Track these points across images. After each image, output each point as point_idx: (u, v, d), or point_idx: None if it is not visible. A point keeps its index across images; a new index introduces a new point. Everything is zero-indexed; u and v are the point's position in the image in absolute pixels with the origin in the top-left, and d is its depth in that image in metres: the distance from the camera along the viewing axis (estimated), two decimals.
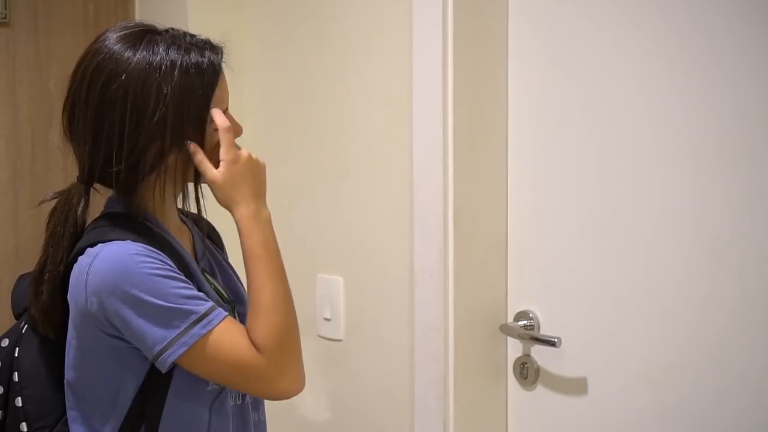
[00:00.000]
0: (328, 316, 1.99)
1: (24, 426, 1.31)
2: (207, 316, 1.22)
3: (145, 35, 1.28)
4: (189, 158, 1.29)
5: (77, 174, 1.31)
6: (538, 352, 1.73)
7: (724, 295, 1.46)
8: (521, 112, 1.75)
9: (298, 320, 1.32)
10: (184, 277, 1.25)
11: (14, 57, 2.41)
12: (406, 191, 1.79)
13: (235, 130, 1.33)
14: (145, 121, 1.24)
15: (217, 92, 1.30)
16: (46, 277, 1.29)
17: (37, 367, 1.33)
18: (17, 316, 1.40)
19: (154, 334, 1.20)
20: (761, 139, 1.41)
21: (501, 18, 1.75)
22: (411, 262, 1.78)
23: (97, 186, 1.32)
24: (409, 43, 1.76)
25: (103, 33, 1.30)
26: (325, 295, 2.00)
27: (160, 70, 1.24)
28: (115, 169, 1.25)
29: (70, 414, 1.30)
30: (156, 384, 1.26)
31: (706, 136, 1.47)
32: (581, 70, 1.65)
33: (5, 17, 2.38)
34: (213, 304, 1.25)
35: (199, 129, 1.29)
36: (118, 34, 1.28)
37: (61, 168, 2.43)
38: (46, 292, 1.29)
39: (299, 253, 2.09)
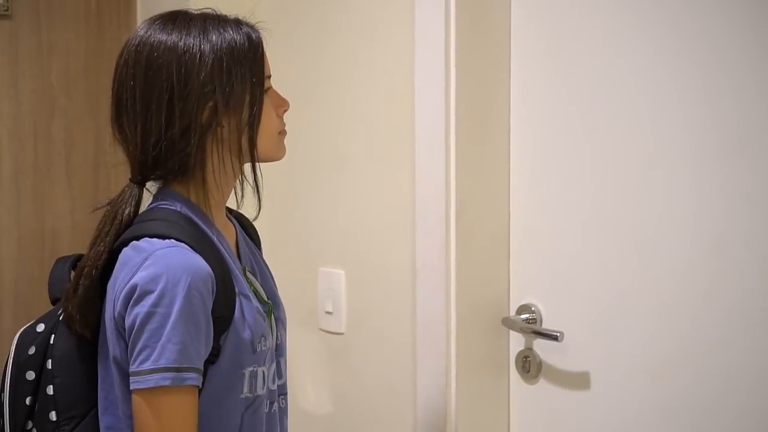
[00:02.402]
0: (330, 310, 1.99)
1: (53, 415, 1.27)
2: (185, 372, 1.18)
3: (177, 15, 1.29)
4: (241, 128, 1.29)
5: (130, 176, 1.31)
6: (540, 346, 1.73)
7: (726, 291, 1.46)
8: (523, 106, 1.74)
9: (300, 313, 1.31)
10: (203, 329, 1.21)
11: (16, 49, 2.41)
12: (407, 185, 1.79)
13: (282, 104, 1.37)
14: (192, 79, 1.24)
15: (258, 57, 1.31)
16: (84, 272, 1.26)
17: (71, 356, 1.28)
18: (53, 301, 1.35)
19: (139, 355, 1.17)
20: (762, 135, 1.41)
21: (503, 13, 1.75)
22: (413, 255, 1.78)
23: (148, 185, 1.31)
24: (412, 38, 1.76)
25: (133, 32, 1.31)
26: (326, 289, 2.00)
27: (200, 37, 1.26)
28: (168, 134, 1.24)
29: (104, 402, 1.26)
30: None
31: (708, 131, 1.47)
32: (583, 65, 1.65)
33: (7, 9, 2.38)
34: (199, 373, 1.20)
35: (252, 91, 1.29)
36: (150, 22, 1.30)
37: (64, 161, 2.43)
38: (82, 287, 1.26)
39: (301, 247, 2.09)
